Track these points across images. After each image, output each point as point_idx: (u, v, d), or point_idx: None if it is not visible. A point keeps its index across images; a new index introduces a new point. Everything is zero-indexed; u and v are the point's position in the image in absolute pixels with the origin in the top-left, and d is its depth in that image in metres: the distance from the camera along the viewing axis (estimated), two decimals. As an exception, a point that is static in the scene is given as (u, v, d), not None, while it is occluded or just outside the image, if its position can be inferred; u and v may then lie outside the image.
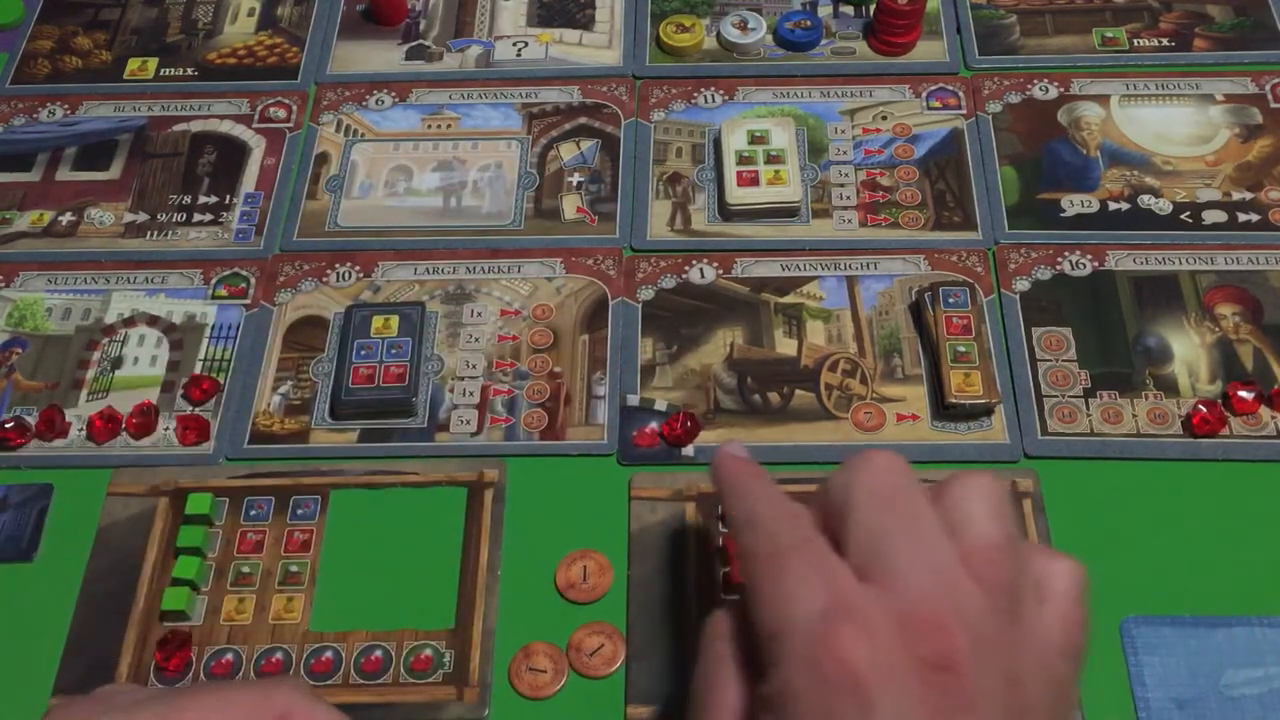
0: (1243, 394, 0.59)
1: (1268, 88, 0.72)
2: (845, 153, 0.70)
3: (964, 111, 0.72)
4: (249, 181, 0.70)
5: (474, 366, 0.62)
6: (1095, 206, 0.67)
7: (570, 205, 0.69)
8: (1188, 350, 0.61)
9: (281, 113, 0.73)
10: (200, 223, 0.69)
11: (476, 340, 0.63)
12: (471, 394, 0.61)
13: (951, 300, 0.61)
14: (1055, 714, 0.36)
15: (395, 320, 0.63)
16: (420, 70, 0.76)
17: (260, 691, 0.40)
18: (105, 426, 0.60)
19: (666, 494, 0.57)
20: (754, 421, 0.60)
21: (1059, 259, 0.65)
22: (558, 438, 0.60)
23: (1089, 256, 0.65)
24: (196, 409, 0.61)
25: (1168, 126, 0.71)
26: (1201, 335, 0.62)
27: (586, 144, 0.71)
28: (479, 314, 0.64)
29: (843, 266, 0.65)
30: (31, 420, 0.61)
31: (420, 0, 0.79)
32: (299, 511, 0.58)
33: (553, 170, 0.70)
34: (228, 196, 0.70)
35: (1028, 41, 0.75)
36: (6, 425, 0.60)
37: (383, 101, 0.74)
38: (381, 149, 0.72)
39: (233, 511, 0.58)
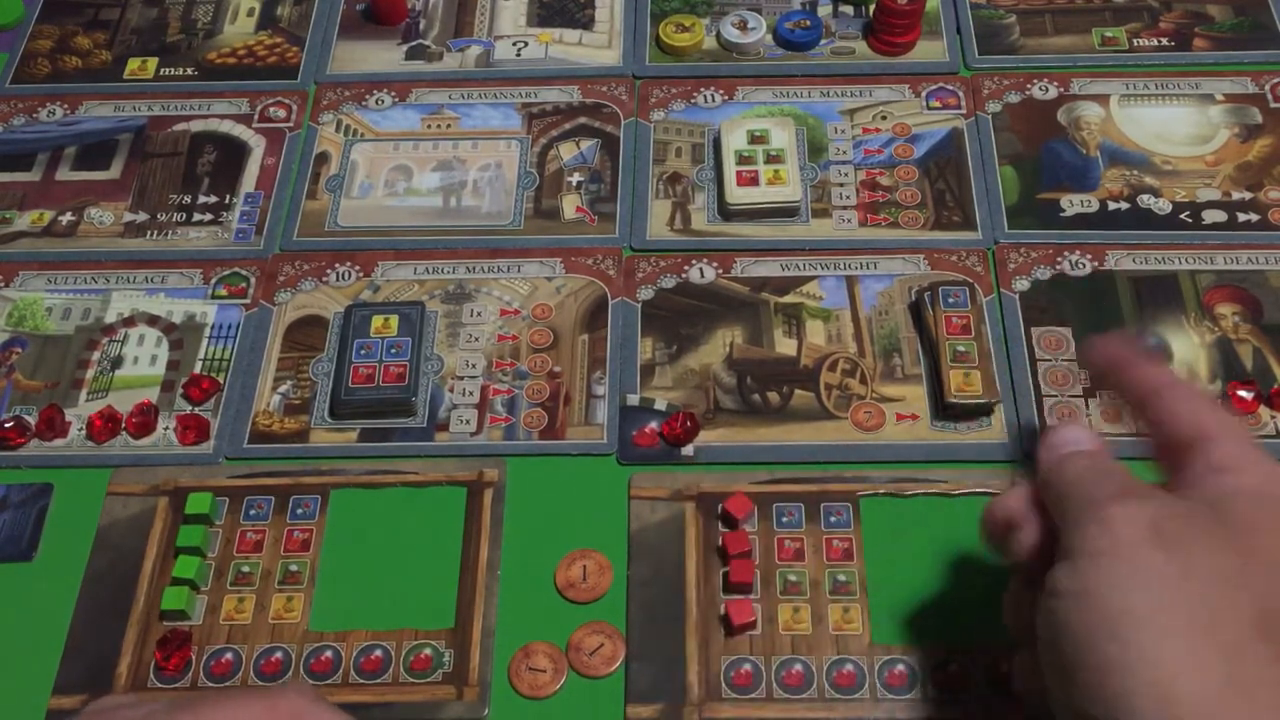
0: (1242, 394, 0.59)
1: (1267, 88, 0.72)
2: (845, 152, 0.70)
3: (964, 111, 0.72)
4: (249, 181, 0.70)
5: (474, 366, 0.62)
6: (1095, 206, 0.67)
7: (570, 205, 0.69)
8: (1187, 350, 0.61)
9: (281, 112, 0.73)
10: (200, 222, 0.69)
11: (476, 340, 0.63)
12: (471, 393, 0.61)
13: (951, 300, 0.61)
14: None
15: (395, 320, 0.63)
16: (420, 70, 0.76)
17: (267, 700, 0.40)
18: (105, 426, 0.60)
19: (666, 494, 0.57)
20: (754, 421, 0.60)
21: (1058, 259, 0.65)
22: (557, 437, 0.60)
23: (1088, 256, 0.65)
24: (196, 409, 0.61)
25: (1167, 126, 0.71)
26: (1201, 335, 0.62)
27: (586, 144, 0.71)
28: (479, 314, 0.64)
29: (842, 266, 0.65)
30: (31, 420, 0.61)
31: (420, 0, 0.79)
32: (299, 511, 0.58)
33: (553, 170, 0.70)
34: (228, 196, 0.70)
35: (1027, 41, 0.75)
36: (6, 425, 0.60)
37: (383, 101, 0.74)
38: (381, 149, 0.72)
39: (232, 511, 0.58)
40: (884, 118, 0.72)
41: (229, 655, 0.53)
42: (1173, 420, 0.41)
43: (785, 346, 0.63)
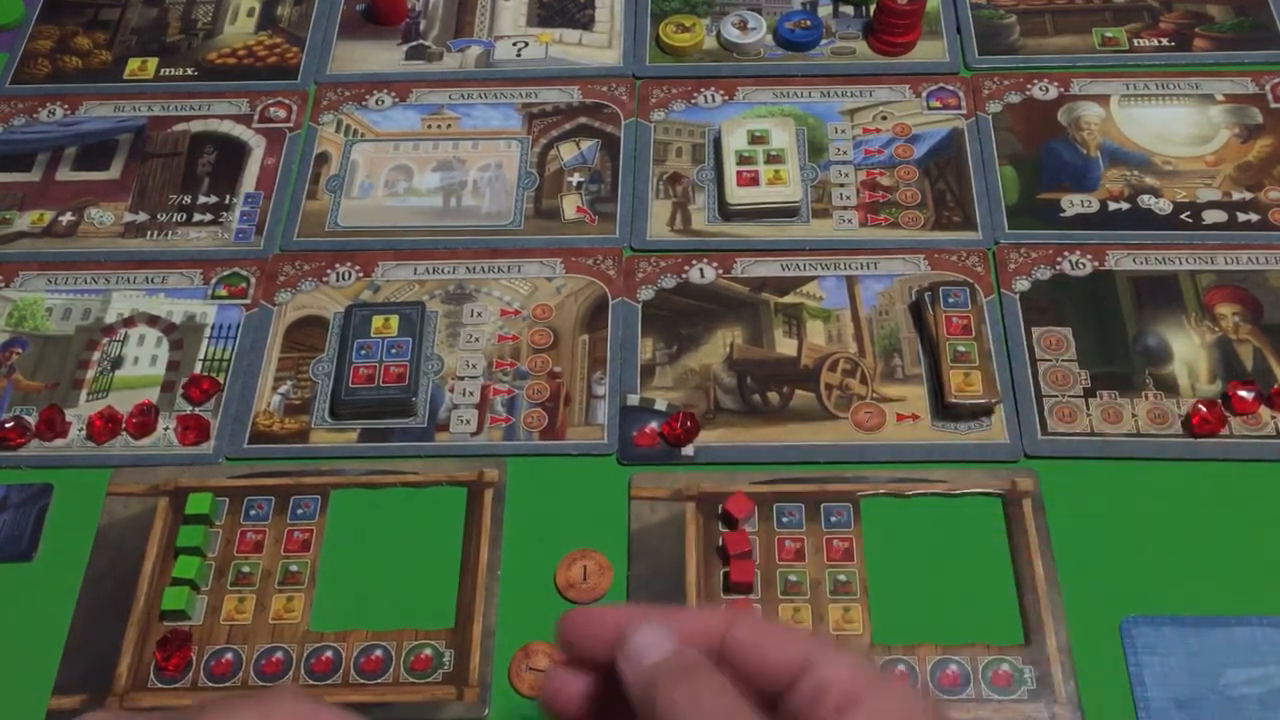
0: (1242, 394, 0.59)
1: (1268, 88, 0.72)
2: (845, 153, 0.70)
3: (964, 111, 0.71)
4: (249, 181, 0.70)
5: (474, 366, 0.62)
6: (1095, 206, 0.67)
7: (570, 205, 0.69)
8: (1188, 350, 0.61)
9: (281, 113, 0.73)
10: (200, 223, 0.69)
11: (476, 340, 0.63)
12: (471, 394, 0.61)
13: (951, 300, 0.61)
14: None
15: (395, 320, 0.63)
16: (420, 70, 0.76)
17: (261, 707, 0.38)
18: (105, 426, 0.60)
19: (666, 494, 0.57)
20: (754, 421, 0.60)
21: (1059, 259, 0.65)
22: (558, 437, 0.60)
23: (1089, 256, 0.65)
24: (196, 409, 0.61)
25: (1168, 126, 0.70)
26: (1201, 335, 0.62)
27: (586, 144, 0.71)
28: (479, 314, 0.64)
29: (843, 266, 0.65)
30: (31, 420, 0.61)
31: (420, 0, 0.79)
32: (299, 511, 0.58)
33: (553, 170, 0.70)
34: (228, 196, 0.70)
35: (1028, 41, 0.75)
36: (6, 425, 0.60)
37: (383, 101, 0.74)
38: (381, 149, 0.72)
39: (233, 511, 0.58)
40: (884, 118, 0.72)
41: (229, 655, 0.53)
42: (758, 657, 0.33)
43: (785, 346, 0.63)
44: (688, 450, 0.59)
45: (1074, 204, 0.67)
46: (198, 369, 0.63)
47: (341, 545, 0.57)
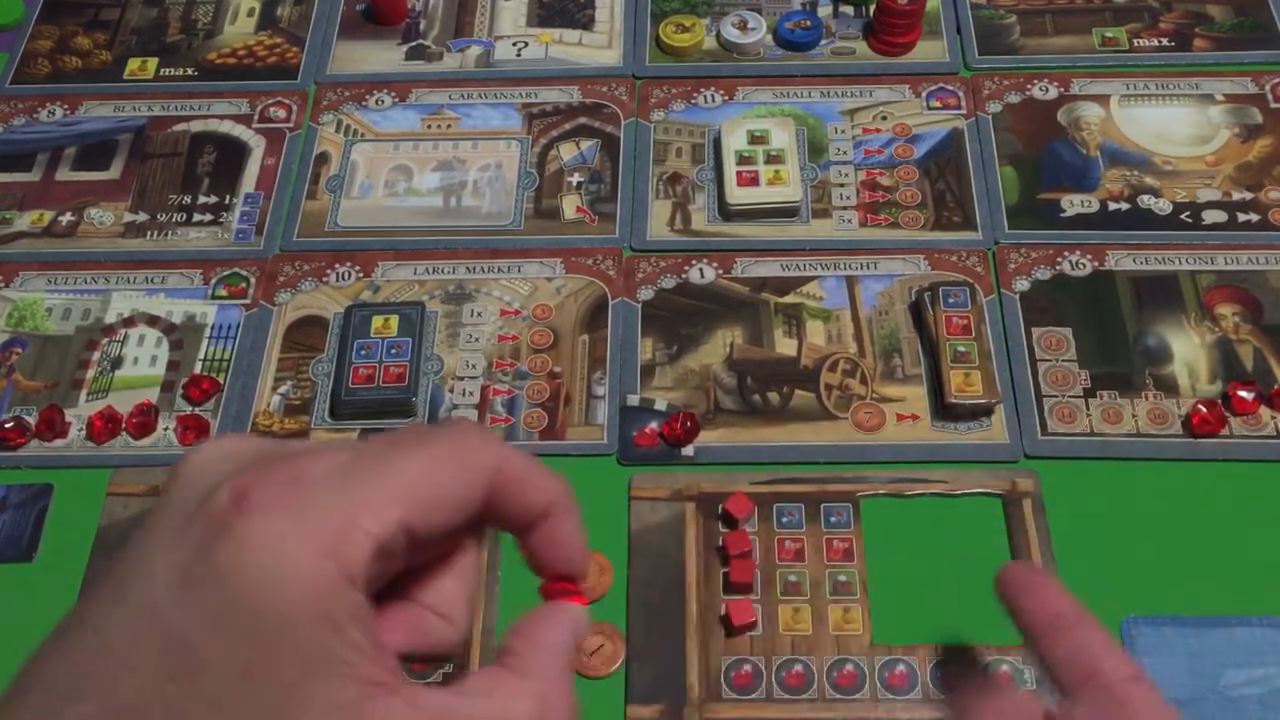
0: (1243, 394, 0.59)
1: (1268, 88, 0.72)
2: (845, 153, 0.70)
3: (964, 111, 0.71)
4: (249, 181, 0.70)
5: (474, 366, 0.62)
6: (1095, 206, 0.67)
7: (570, 205, 0.69)
8: (1188, 350, 0.61)
9: (281, 113, 0.73)
10: (200, 223, 0.69)
11: (476, 340, 0.63)
12: (471, 394, 0.61)
13: (951, 300, 0.61)
14: None
15: (395, 320, 0.63)
16: (420, 70, 0.76)
17: (468, 447, 0.30)
18: (105, 426, 0.60)
19: (666, 494, 0.57)
20: (754, 421, 0.60)
21: (1059, 259, 0.65)
22: (558, 438, 0.60)
23: (1089, 256, 0.65)
24: (196, 409, 0.61)
25: (1168, 126, 0.70)
26: (1201, 335, 0.62)
27: (586, 144, 0.71)
28: (479, 314, 0.64)
29: (843, 266, 0.65)
30: (31, 420, 0.61)
31: (420, 0, 0.79)
32: (299, 511, 0.57)
33: (553, 170, 0.70)
34: (227, 196, 0.70)
35: (1028, 41, 0.75)
36: (6, 425, 0.60)
37: (383, 101, 0.74)
38: (381, 149, 0.72)
39: (233, 511, 0.58)
40: (884, 118, 0.72)
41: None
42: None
43: (785, 347, 0.63)
44: (688, 450, 0.59)
45: (1074, 204, 0.67)
46: (198, 369, 0.63)
47: (341, 545, 0.57)
